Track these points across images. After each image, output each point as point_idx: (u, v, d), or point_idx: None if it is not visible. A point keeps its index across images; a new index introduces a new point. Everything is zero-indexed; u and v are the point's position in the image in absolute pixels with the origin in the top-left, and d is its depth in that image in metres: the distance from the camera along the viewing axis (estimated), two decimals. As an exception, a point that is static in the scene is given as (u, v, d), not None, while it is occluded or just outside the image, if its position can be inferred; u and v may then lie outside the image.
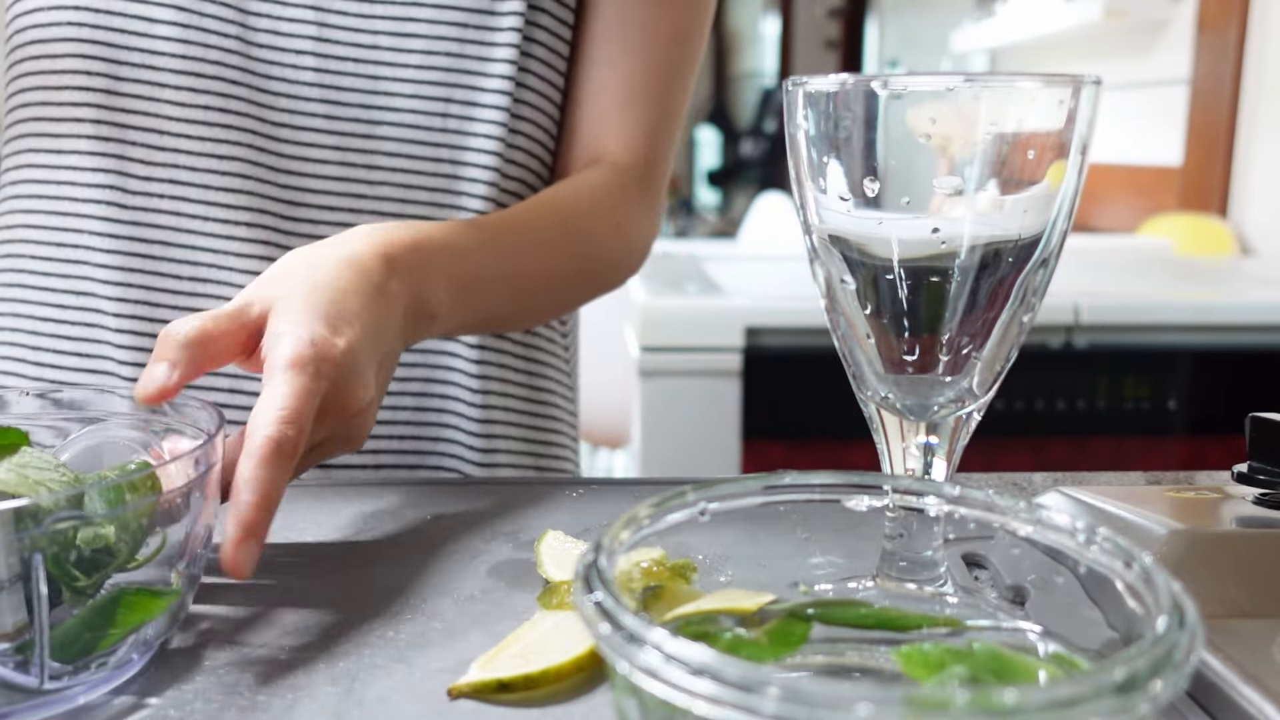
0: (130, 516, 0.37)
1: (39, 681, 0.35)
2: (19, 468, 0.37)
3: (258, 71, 0.65)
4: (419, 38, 0.66)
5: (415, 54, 0.66)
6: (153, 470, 0.37)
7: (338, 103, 0.66)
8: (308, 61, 0.65)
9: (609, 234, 0.70)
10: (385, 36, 0.66)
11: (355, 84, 0.66)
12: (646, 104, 0.72)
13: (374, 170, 0.67)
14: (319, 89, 0.65)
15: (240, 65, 0.65)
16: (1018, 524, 0.34)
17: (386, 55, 0.66)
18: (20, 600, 0.34)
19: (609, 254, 0.71)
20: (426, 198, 0.68)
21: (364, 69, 0.66)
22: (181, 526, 0.39)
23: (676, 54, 0.72)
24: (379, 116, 0.66)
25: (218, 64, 0.65)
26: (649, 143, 0.72)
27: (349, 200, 0.67)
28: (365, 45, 0.66)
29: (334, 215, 0.67)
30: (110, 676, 0.37)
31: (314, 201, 0.66)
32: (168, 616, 0.39)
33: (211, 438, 0.40)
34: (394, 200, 0.67)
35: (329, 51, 0.66)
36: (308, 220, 0.66)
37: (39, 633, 0.34)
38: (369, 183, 0.67)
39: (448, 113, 0.67)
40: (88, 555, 0.36)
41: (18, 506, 0.33)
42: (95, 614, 0.36)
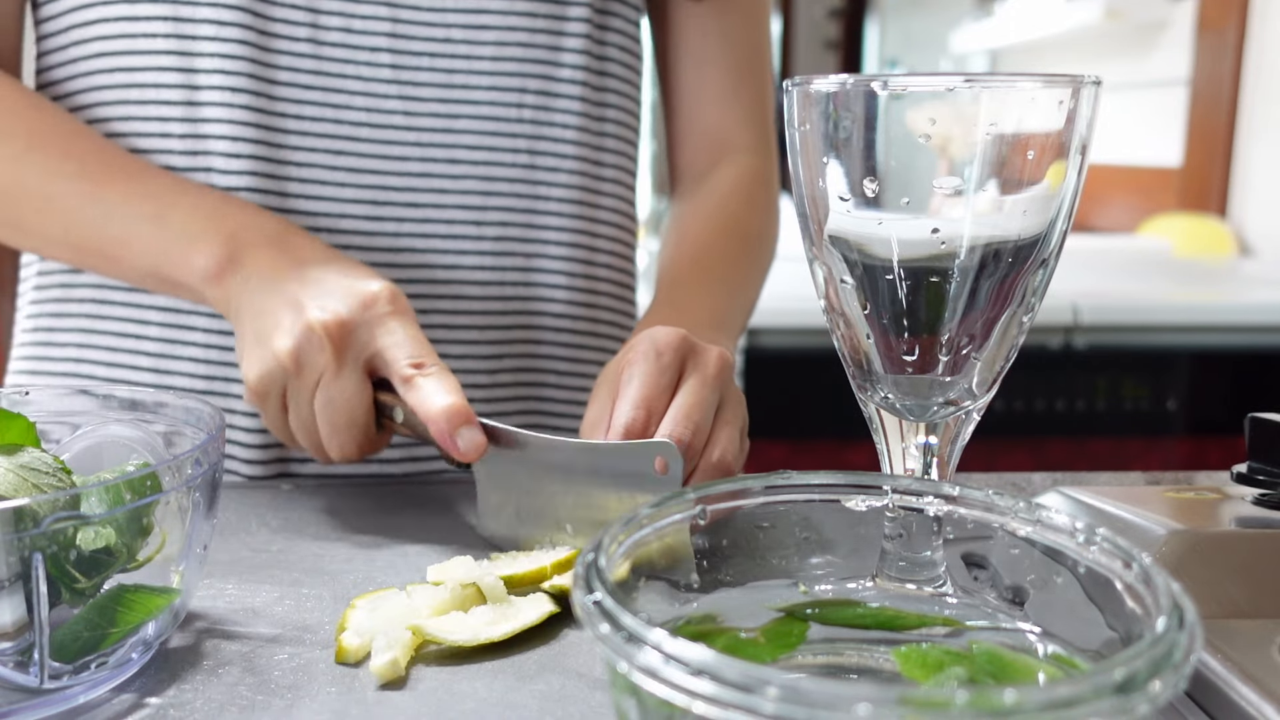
0: (130, 516, 0.37)
1: (39, 681, 0.35)
2: (19, 468, 0.37)
3: (332, 72, 0.65)
4: (491, 29, 0.67)
5: (489, 45, 0.67)
6: (153, 470, 0.37)
7: (415, 98, 0.66)
8: (383, 59, 0.65)
9: (766, 222, 0.76)
10: (458, 30, 0.66)
11: (431, 79, 0.66)
12: (753, 84, 0.76)
13: (455, 165, 0.67)
14: (396, 85, 0.66)
15: (314, 69, 0.64)
16: (1017, 524, 0.34)
17: (460, 48, 0.66)
18: (20, 600, 0.34)
19: (771, 241, 0.78)
20: (508, 189, 0.68)
21: (439, 63, 0.66)
22: (181, 526, 0.39)
23: (764, 27, 0.78)
24: (456, 110, 0.67)
25: (291, 70, 0.64)
26: (765, 118, 0.78)
27: (432, 195, 0.67)
28: (439, 39, 0.66)
29: (418, 212, 0.67)
30: (110, 676, 0.37)
31: (397, 199, 0.66)
32: (168, 616, 0.39)
33: (212, 437, 0.40)
34: (477, 193, 0.68)
35: (404, 48, 0.66)
36: (392, 218, 0.66)
37: (39, 632, 0.34)
38: (451, 176, 0.67)
39: (523, 102, 0.68)
40: (87, 555, 0.36)
41: (17, 506, 0.33)
42: (95, 613, 0.36)
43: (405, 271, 0.67)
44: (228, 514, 0.55)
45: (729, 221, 0.72)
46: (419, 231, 0.67)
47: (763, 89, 0.77)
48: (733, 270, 0.70)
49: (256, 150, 0.64)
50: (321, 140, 0.65)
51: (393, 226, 0.66)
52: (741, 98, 0.76)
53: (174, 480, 0.38)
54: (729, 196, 0.73)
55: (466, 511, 0.56)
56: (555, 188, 0.70)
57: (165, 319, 0.66)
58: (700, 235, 0.71)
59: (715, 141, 0.76)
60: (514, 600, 0.43)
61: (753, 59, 0.76)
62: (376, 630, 0.40)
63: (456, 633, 0.41)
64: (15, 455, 0.38)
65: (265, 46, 0.64)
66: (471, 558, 0.46)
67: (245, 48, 0.63)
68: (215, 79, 0.63)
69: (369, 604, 0.43)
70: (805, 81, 0.37)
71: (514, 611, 0.42)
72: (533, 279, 0.70)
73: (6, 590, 0.34)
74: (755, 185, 0.75)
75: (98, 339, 0.68)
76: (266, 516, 0.56)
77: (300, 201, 0.65)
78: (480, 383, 0.70)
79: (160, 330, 0.66)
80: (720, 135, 0.76)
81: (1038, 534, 0.33)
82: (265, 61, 0.64)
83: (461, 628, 0.41)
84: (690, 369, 0.51)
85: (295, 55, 0.64)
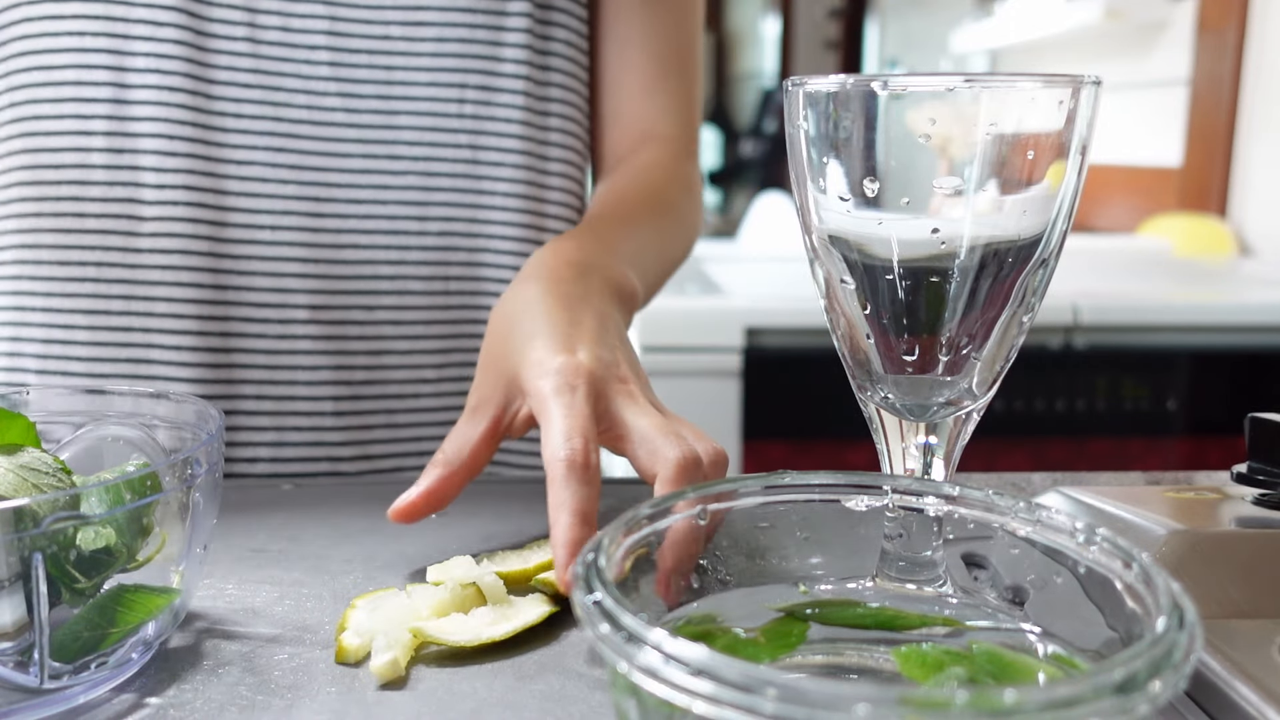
0: (129, 516, 0.37)
1: (39, 681, 0.35)
2: (19, 468, 0.37)
3: (271, 70, 0.65)
4: (430, 25, 0.67)
5: (428, 41, 0.67)
6: (153, 470, 0.37)
7: (355, 95, 0.66)
8: (322, 57, 0.65)
9: (689, 207, 0.75)
10: (397, 26, 0.66)
11: (371, 75, 0.66)
12: (679, 77, 0.76)
13: (397, 160, 0.67)
14: (335, 83, 0.66)
15: (252, 68, 0.64)
16: (1017, 524, 0.34)
17: (399, 44, 0.66)
18: (20, 600, 0.34)
19: (691, 218, 0.76)
20: (450, 184, 0.68)
21: (379, 60, 0.66)
22: (181, 526, 0.39)
23: (694, 23, 0.77)
24: (397, 106, 0.67)
25: (229, 69, 0.64)
26: (690, 113, 0.77)
27: (374, 192, 0.67)
28: (378, 36, 0.66)
29: (360, 208, 0.67)
30: (110, 676, 0.37)
31: (339, 196, 0.66)
32: (168, 616, 0.39)
33: (212, 437, 0.40)
34: (418, 189, 0.68)
35: (342, 45, 0.66)
36: (335, 215, 0.66)
37: (39, 632, 0.34)
38: (393, 173, 0.67)
39: (464, 98, 0.68)
40: (87, 555, 0.36)
41: (17, 506, 0.33)
42: (95, 613, 0.36)
43: (349, 268, 0.67)
44: (228, 514, 0.55)
45: (649, 188, 0.71)
46: (362, 228, 0.67)
47: (688, 81, 0.77)
48: (652, 226, 0.68)
49: (193, 149, 0.64)
50: (262, 139, 0.65)
51: (335, 224, 0.66)
52: (666, 89, 0.75)
53: (174, 480, 0.38)
54: (650, 168, 0.73)
55: (466, 512, 0.56)
56: (500, 182, 0.69)
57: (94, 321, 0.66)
58: (623, 193, 0.70)
59: (638, 131, 0.75)
60: (514, 600, 0.43)
61: (679, 51, 0.75)
62: (376, 630, 0.40)
63: (458, 634, 0.41)
64: (15, 455, 0.38)
65: (202, 46, 0.64)
66: (470, 557, 0.46)
67: (182, 48, 0.63)
68: (149, 78, 0.63)
69: (369, 604, 0.43)
70: (805, 81, 0.37)
71: (514, 611, 0.42)
72: (479, 274, 0.70)
73: (6, 590, 0.34)
74: (676, 166, 0.74)
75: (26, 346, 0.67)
76: (266, 516, 0.56)
77: (241, 200, 0.65)
78: (428, 377, 0.70)
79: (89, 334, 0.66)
80: (643, 125, 0.75)
81: (1038, 534, 0.33)
82: (202, 61, 0.64)
83: (462, 629, 0.41)
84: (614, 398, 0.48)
85: (233, 55, 0.64)
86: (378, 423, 0.69)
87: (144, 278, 0.65)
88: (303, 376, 0.67)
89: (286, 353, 0.67)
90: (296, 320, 0.67)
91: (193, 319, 0.65)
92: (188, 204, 0.64)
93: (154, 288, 0.65)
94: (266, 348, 0.67)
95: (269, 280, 0.66)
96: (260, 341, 0.67)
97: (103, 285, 0.65)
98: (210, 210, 0.65)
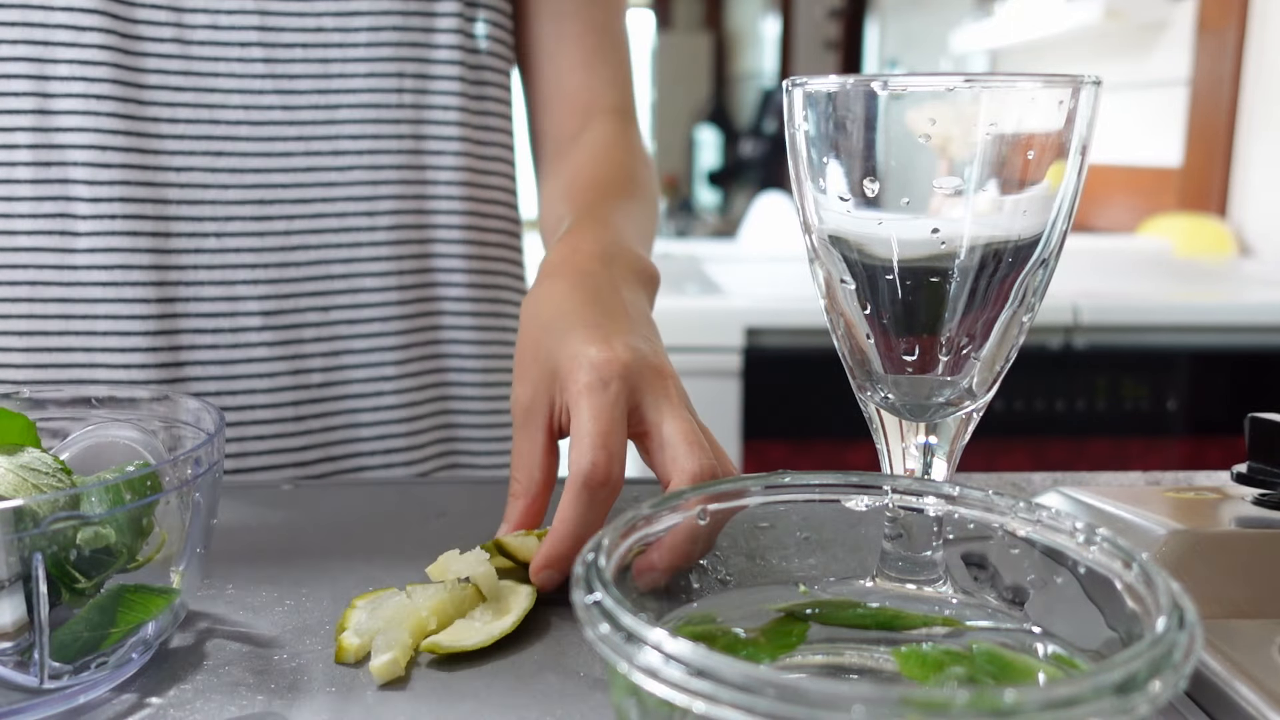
0: (129, 517, 0.37)
1: (39, 681, 0.35)
2: (19, 468, 0.37)
3: (203, 71, 0.63)
4: (363, 14, 0.66)
5: (363, 31, 0.66)
6: (153, 470, 0.37)
7: (292, 91, 0.65)
8: (255, 54, 0.64)
9: (651, 179, 0.74)
10: (330, 18, 0.65)
11: (307, 70, 0.65)
12: (615, 46, 0.75)
13: (340, 156, 0.66)
14: (271, 80, 0.64)
15: (182, 69, 0.62)
16: (1017, 524, 0.34)
17: (334, 36, 0.65)
18: (20, 600, 0.34)
19: (655, 195, 0.75)
20: (396, 176, 0.68)
21: (313, 53, 0.65)
22: (182, 526, 0.39)
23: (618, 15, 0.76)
24: (336, 100, 0.66)
25: (160, 72, 0.62)
26: (628, 80, 0.76)
27: (320, 190, 0.66)
28: (311, 29, 0.65)
29: (308, 207, 0.66)
30: (111, 676, 0.38)
31: (285, 196, 0.65)
32: (168, 616, 0.39)
33: (211, 437, 0.40)
34: (364, 184, 0.67)
35: (275, 40, 0.64)
36: (282, 216, 0.65)
37: (39, 632, 0.34)
38: (337, 169, 0.66)
39: (402, 87, 0.67)
40: (88, 555, 0.36)
41: (17, 506, 0.33)
42: (96, 613, 0.36)
43: (301, 269, 0.66)
44: (228, 514, 0.55)
45: (620, 167, 0.70)
46: (311, 228, 0.66)
47: (622, 50, 0.76)
48: (635, 205, 0.68)
49: (127, 159, 0.61)
50: (199, 143, 0.63)
51: (283, 225, 0.65)
52: (605, 59, 0.74)
53: (174, 480, 0.38)
54: (611, 146, 0.72)
55: (467, 512, 0.56)
56: (443, 170, 0.69)
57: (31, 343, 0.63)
58: (599, 176, 0.69)
59: (581, 105, 0.74)
60: (505, 588, 0.44)
61: (610, 20, 0.75)
62: (376, 630, 0.40)
63: (465, 639, 0.41)
64: (15, 455, 0.38)
65: (130, 50, 0.61)
66: (458, 550, 0.46)
67: (108, 53, 0.61)
68: (74, 86, 0.61)
69: (369, 604, 0.43)
70: (805, 81, 0.37)
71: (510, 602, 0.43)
72: (430, 264, 0.70)
73: (6, 590, 0.34)
74: (629, 139, 0.74)
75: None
76: (266, 516, 0.56)
77: (182, 207, 0.63)
78: (389, 374, 0.69)
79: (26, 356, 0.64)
80: (586, 99, 0.74)
81: (1038, 534, 0.33)
82: (131, 65, 0.61)
83: (470, 632, 0.41)
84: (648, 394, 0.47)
85: (162, 57, 0.62)
86: (340, 423, 0.69)
87: (83, 295, 0.62)
88: (261, 385, 0.66)
89: (242, 361, 0.65)
90: (250, 328, 0.65)
91: (140, 335, 0.63)
92: (125, 216, 0.62)
93: (95, 305, 0.63)
94: (220, 358, 0.65)
95: (218, 289, 0.64)
96: (213, 352, 0.65)
97: (38, 305, 0.62)
98: (150, 221, 0.62)
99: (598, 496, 0.44)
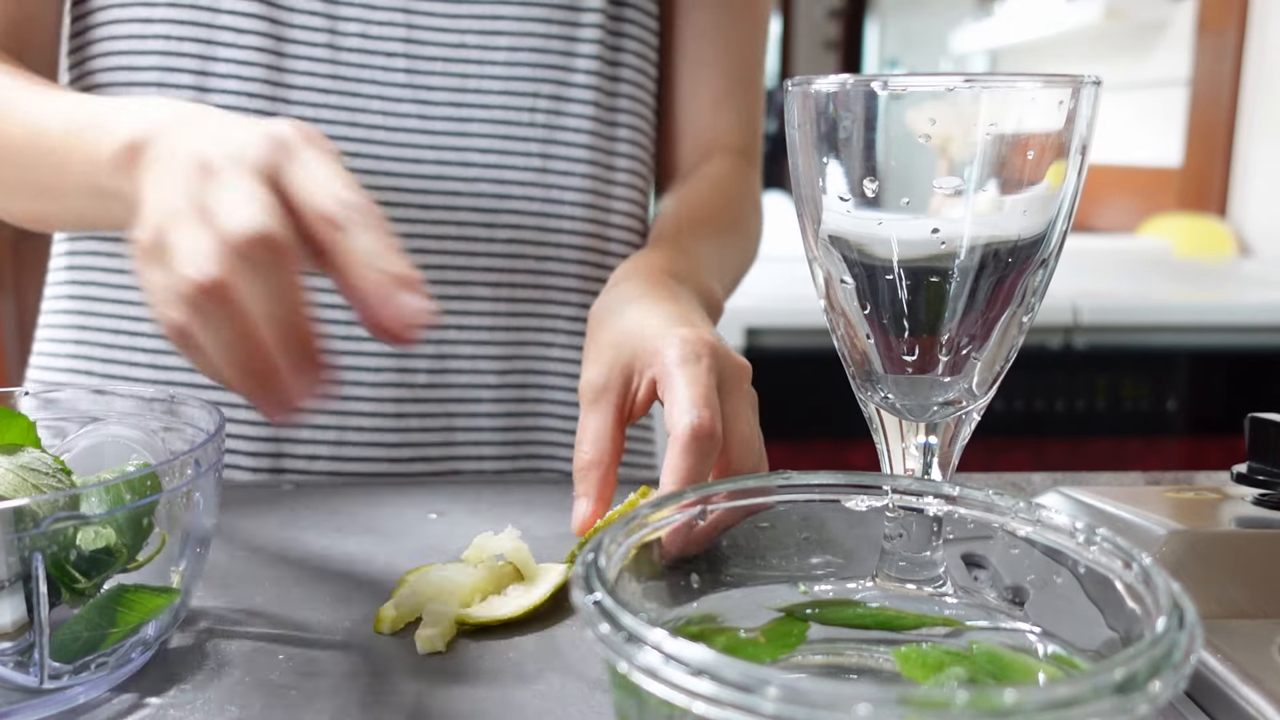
0: (129, 517, 0.37)
1: (39, 681, 0.35)
2: (19, 468, 0.37)
3: (348, 76, 0.65)
4: (505, 34, 0.67)
5: (502, 50, 0.67)
6: (153, 470, 0.37)
7: (429, 102, 0.67)
8: (399, 64, 0.66)
9: (756, 220, 0.77)
10: (472, 35, 0.67)
11: (445, 83, 0.67)
12: (745, 94, 0.77)
13: (468, 168, 0.67)
14: (410, 89, 0.66)
15: (330, 74, 0.65)
16: (1017, 524, 0.34)
17: (474, 54, 0.67)
18: (20, 600, 0.34)
19: (758, 232, 0.78)
20: (520, 192, 0.69)
21: (453, 68, 0.67)
22: (181, 527, 0.39)
23: (764, 39, 0.78)
24: (469, 114, 0.67)
25: (308, 74, 0.65)
26: (755, 125, 0.79)
27: (444, 198, 0.67)
28: (453, 45, 0.67)
29: (431, 214, 0.67)
30: (110, 676, 0.38)
31: (412, 201, 0.67)
32: (168, 616, 0.39)
33: (211, 437, 0.40)
34: (490, 196, 0.68)
35: (418, 53, 0.66)
36: (406, 220, 0.67)
37: (39, 633, 0.34)
38: (464, 179, 0.67)
39: (535, 107, 0.68)
40: (88, 555, 0.36)
41: (17, 506, 0.33)
42: (96, 613, 0.36)
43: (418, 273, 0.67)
44: (228, 514, 0.55)
45: (724, 202, 0.73)
46: (431, 233, 0.67)
47: (755, 95, 0.78)
48: (727, 239, 0.70)
49: None
50: (337, 143, 0.65)
51: (406, 229, 0.67)
52: (733, 103, 0.76)
53: (174, 480, 0.38)
54: (723, 179, 0.74)
55: (468, 510, 0.56)
56: (568, 191, 0.70)
57: None
58: (700, 207, 0.71)
59: (706, 143, 0.76)
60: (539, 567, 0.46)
61: (748, 66, 0.77)
62: (417, 605, 0.43)
63: (500, 610, 0.43)
64: (15, 455, 0.38)
65: (281, 53, 0.64)
66: (491, 531, 0.47)
67: (262, 54, 0.64)
68: (229, 84, 0.64)
69: (416, 579, 0.45)
70: (805, 81, 0.37)
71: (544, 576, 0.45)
72: (544, 282, 0.71)
73: (7, 590, 0.34)
74: (744, 178, 0.76)
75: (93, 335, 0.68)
76: (266, 516, 0.56)
77: None
78: (490, 383, 0.70)
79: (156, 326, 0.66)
80: (711, 138, 0.76)
81: (1038, 534, 0.33)
82: (280, 67, 0.64)
83: (502, 605, 0.43)
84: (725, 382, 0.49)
85: (312, 60, 0.65)
86: (436, 425, 0.70)
87: None
88: (367, 378, 0.67)
89: (351, 354, 0.67)
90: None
91: None
92: None
93: None
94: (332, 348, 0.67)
95: None
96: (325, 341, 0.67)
97: None
98: None
99: (705, 448, 0.45)
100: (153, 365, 0.67)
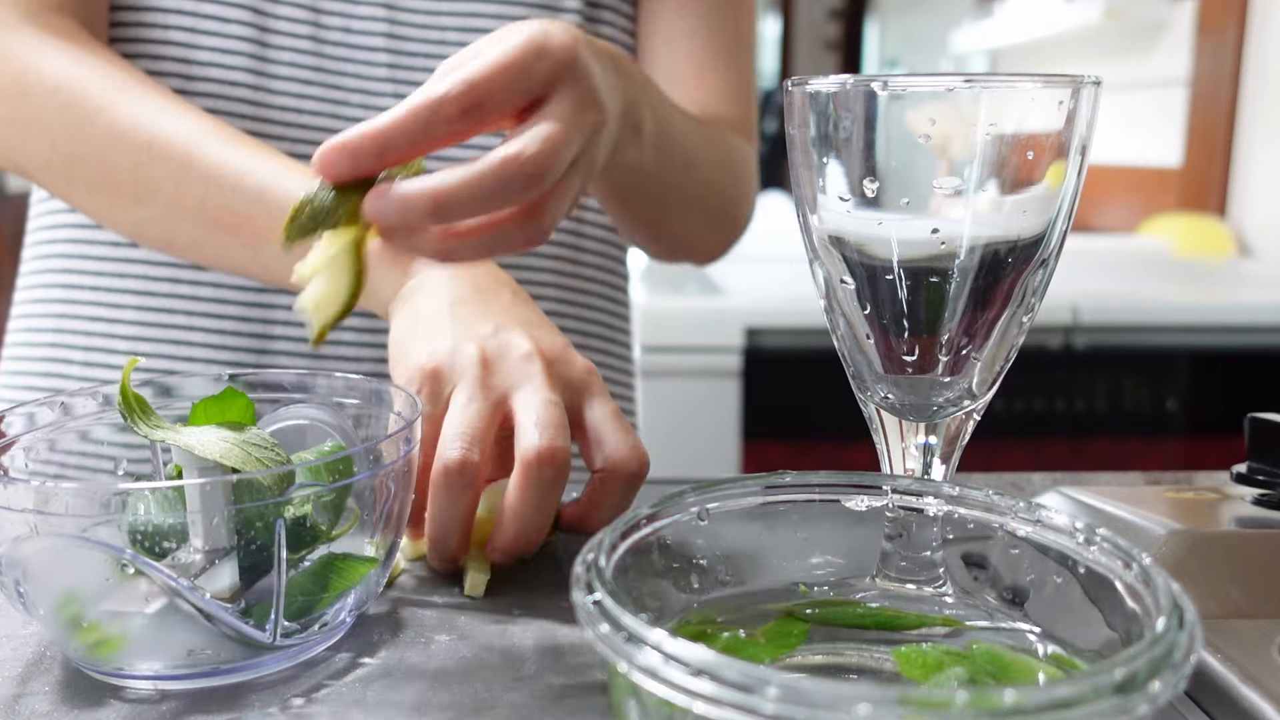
0: (340, 492, 0.40)
1: (271, 638, 0.38)
2: (243, 443, 0.39)
3: (331, 69, 0.66)
4: (486, 31, 0.67)
5: None
6: (348, 453, 0.40)
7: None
8: (381, 58, 0.67)
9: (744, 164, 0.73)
10: (453, 32, 0.68)
11: (427, 77, 0.66)
12: (733, 66, 0.75)
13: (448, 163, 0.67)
14: (392, 84, 0.67)
15: (313, 65, 0.66)
16: (1017, 524, 0.34)
17: (455, 50, 0.67)
18: (235, 566, 0.38)
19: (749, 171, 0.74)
20: None
21: (434, 63, 0.67)
22: (376, 503, 0.41)
23: (747, 15, 0.76)
24: None
25: (291, 65, 0.65)
26: (743, 100, 0.75)
27: None
28: (434, 40, 0.67)
29: None
30: (328, 635, 0.40)
31: None
32: (370, 582, 0.41)
33: (409, 424, 0.42)
34: None
35: (401, 47, 0.67)
36: None
37: (277, 594, 0.37)
38: None
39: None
40: (307, 526, 0.39)
41: (246, 479, 0.37)
42: (309, 579, 0.39)
43: None
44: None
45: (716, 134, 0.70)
46: None
47: (743, 66, 0.75)
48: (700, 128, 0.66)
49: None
50: (321, 134, 0.66)
51: None
52: (719, 72, 0.74)
53: (377, 461, 0.40)
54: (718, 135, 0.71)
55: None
56: None
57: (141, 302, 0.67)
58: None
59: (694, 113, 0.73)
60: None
61: (732, 35, 0.74)
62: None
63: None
64: (240, 432, 0.40)
65: (265, 43, 0.65)
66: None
67: (246, 44, 0.65)
68: (212, 72, 0.64)
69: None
70: (805, 81, 0.37)
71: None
72: (521, 277, 0.70)
73: (226, 558, 0.37)
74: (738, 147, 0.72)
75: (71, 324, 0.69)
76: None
77: None
78: None
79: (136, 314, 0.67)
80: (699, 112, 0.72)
81: (1038, 534, 0.33)
82: (264, 58, 0.65)
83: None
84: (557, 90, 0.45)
85: (296, 52, 0.65)
86: None
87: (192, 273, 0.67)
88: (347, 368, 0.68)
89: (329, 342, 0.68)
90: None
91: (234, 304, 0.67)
92: None
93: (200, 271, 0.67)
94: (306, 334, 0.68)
95: None
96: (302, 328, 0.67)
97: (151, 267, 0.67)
98: None
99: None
100: (131, 352, 0.67)
